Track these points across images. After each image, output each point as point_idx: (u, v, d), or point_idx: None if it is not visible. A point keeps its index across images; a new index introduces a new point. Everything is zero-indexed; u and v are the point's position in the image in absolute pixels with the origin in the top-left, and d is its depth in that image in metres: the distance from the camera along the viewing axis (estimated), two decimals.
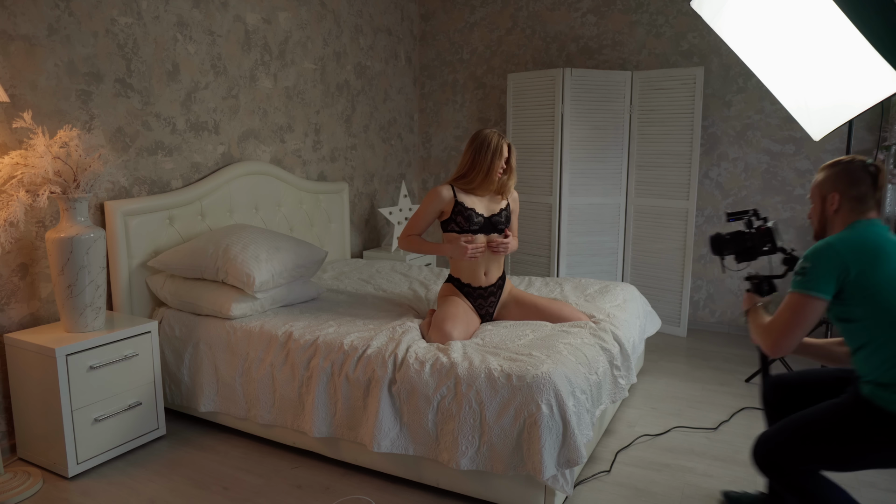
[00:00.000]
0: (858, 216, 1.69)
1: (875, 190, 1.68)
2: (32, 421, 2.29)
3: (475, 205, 2.53)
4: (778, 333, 1.68)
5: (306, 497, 2.17)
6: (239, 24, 3.29)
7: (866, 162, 1.69)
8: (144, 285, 2.79)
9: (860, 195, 1.68)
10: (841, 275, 1.59)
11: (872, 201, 1.68)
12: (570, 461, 1.89)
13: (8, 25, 2.29)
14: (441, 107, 4.96)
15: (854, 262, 1.58)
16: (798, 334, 1.65)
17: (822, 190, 1.75)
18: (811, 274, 1.62)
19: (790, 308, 1.66)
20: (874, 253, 1.58)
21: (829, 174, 1.73)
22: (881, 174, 1.68)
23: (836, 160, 1.74)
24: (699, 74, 3.77)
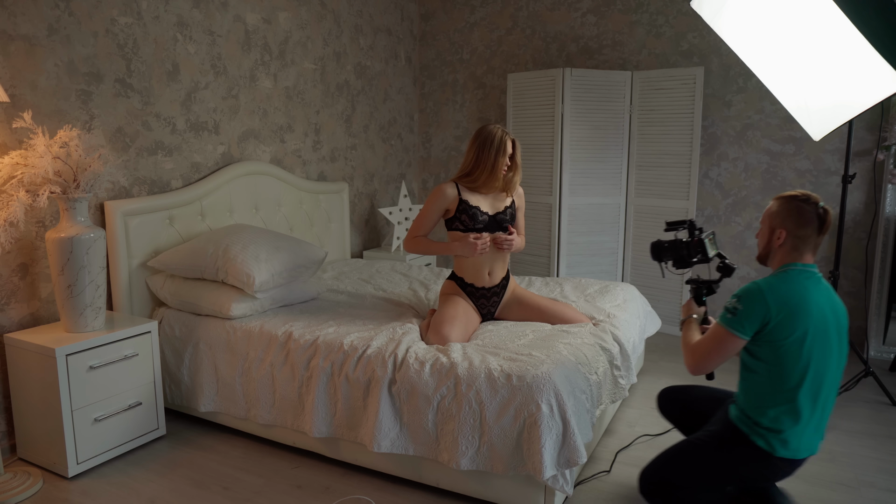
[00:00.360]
0: (797, 258, 1.80)
1: (818, 234, 1.79)
2: (32, 421, 2.29)
3: (480, 203, 2.51)
4: (700, 357, 1.84)
5: (306, 497, 2.17)
6: (239, 24, 3.29)
7: (819, 204, 1.78)
8: (144, 285, 2.79)
9: (804, 236, 1.78)
10: (763, 322, 1.72)
11: (813, 243, 1.79)
12: (570, 461, 1.89)
13: (8, 25, 2.29)
14: (441, 107, 4.96)
15: (776, 314, 1.71)
16: (717, 362, 1.81)
17: (772, 222, 1.84)
18: (739, 315, 1.74)
19: (715, 339, 1.80)
20: (795, 310, 1.70)
21: (782, 209, 1.81)
22: (828, 219, 1.78)
23: (792, 195, 1.81)
24: (699, 74, 3.77)
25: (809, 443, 1.76)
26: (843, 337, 1.77)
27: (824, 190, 3.80)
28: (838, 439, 2.61)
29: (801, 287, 1.73)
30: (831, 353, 1.74)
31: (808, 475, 2.32)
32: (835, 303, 1.77)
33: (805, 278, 1.75)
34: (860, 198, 3.71)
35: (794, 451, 1.75)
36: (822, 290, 1.76)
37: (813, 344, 1.71)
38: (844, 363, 1.79)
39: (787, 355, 1.72)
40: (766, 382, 1.77)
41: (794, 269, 1.77)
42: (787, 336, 1.70)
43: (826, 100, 2.44)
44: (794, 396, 1.72)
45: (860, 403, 2.99)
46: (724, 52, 3.91)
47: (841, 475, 2.32)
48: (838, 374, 1.78)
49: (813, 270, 1.78)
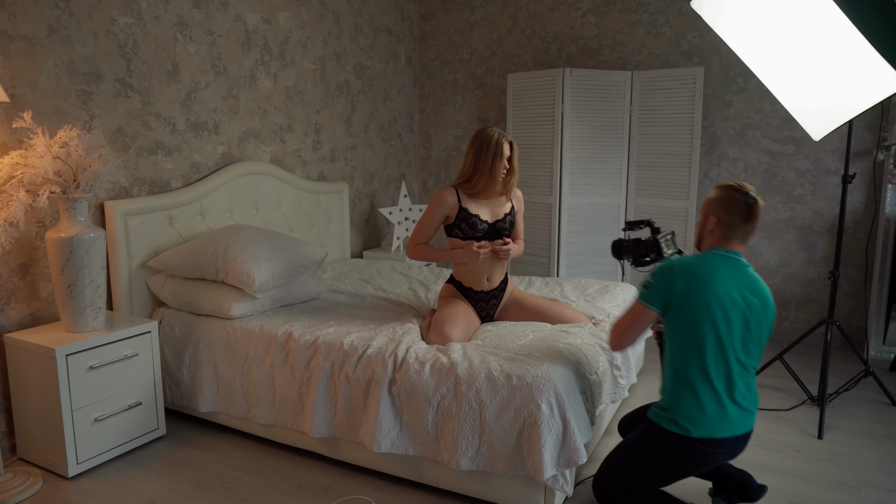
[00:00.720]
0: (723, 244, 1.86)
1: (746, 222, 1.84)
2: (32, 421, 2.29)
3: (480, 210, 2.49)
4: (618, 333, 1.93)
5: (306, 497, 2.17)
6: (239, 24, 3.29)
7: (749, 193, 1.84)
8: (144, 285, 2.79)
9: (732, 223, 1.84)
10: (669, 292, 1.79)
11: (741, 231, 1.85)
12: (570, 461, 1.89)
13: (8, 25, 2.29)
14: (441, 107, 4.96)
15: (681, 283, 1.78)
16: (633, 335, 1.91)
17: (706, 209, 1.91)
18: (651, 288, 1.84)
19: (631, 313, 1.89)
20: (699, 285, 1.76)
21: (715, 197, 1.88)
22: (755, 208, 1.84)
23: (728, 184, 1.88)
24: (699, 74, 3.77)
25: (721, 422, 1.77)
26: (755, 325, 1.79)
27: (824, 190, 3.80)
28: (838, 439, 2.61)
29: (711, 267, 1.79)
30: (734, 334, 1.77)
31: (809, 475, 2.32)
32: (754, 291, 1.80)
33: (721, 261, 1.81)
34: (860, 198, 3.71)
35: (707, 429, 1.76)
36: (739, 276, 1.80)
37: (715, 322, 1.75)
38: (758, 350, 1.82)
39: (688, 329, 1.78)
40: (670, 362, 1.85)
41: (713, 253, 1.84)
42: (692, 310, 1.76)
43: (826, 100, 2.44)
44: (691, 371, 1.78)
45: (860, 403, 2.99)
46: (724, 52, 3.91)
47: (841, 475, 2.32)
48: (748, 360, 1.81)
49: (735, 257, 1.84)
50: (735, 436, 1.79)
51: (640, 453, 1.86)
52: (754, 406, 1.83)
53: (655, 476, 1.84)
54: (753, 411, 1.83)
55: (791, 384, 3.21)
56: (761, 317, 1.80)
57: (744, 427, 1.80)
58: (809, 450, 2.52)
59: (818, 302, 3.90)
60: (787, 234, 3.93)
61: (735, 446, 1.81)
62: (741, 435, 1.81)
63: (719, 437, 1.77)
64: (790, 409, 2.91)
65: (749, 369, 1.82)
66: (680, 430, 1.78)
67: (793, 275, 3.95)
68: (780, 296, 4.00)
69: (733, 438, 1.79)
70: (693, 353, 1.78)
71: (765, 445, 2.55)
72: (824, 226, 3.83)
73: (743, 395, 1.79)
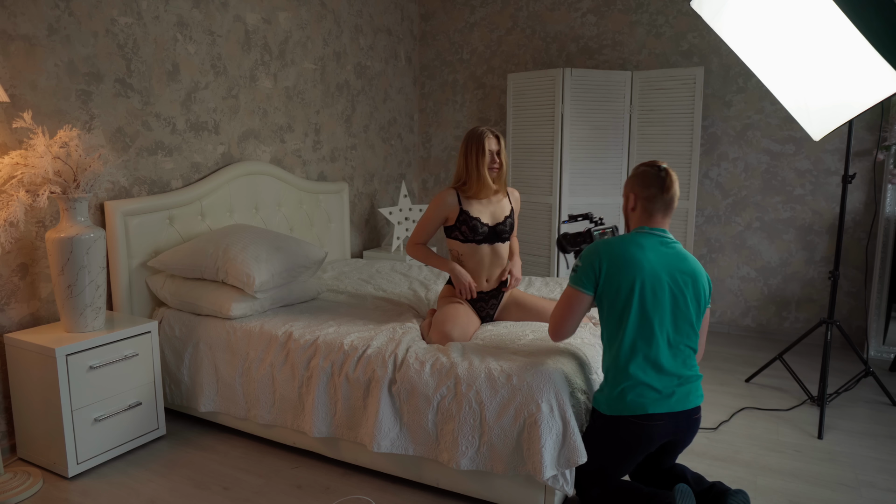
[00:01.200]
0: (647, 221, 1.92)
1: (663, 193, 1.89)
2: (32, 421, 2.29)
3: (480, 213, 2.49)
4: (555, 321, 1.97)
5: (306, 497, 2.17)
6: (239, 24, 3.29)
7: (660, 167, 1.91)
8: (144, 285, 2.79)
9: (650, 196, 1.90)
10: (597, 272, 1.87)
11: (661, 204, 1.90)
12: (570, 461, 1.89)
13: (8, 25, 2.29)
14: (441, 107, 4.96)
15: (606, 265, 1.85)
16: (570, 322, 1.95)
17: (625, 190, 1.99)
18: (579, 272, 1.90)
19: (564, 299, 1.95)
20: (624, 264, 1.83)
21: (631, 175, 1.97)
22: (668, 177, 1.89)
23: (639, 163, 1.98)
24: (699, 74, 3.77)
25: (652, 397, 1.81)
26: (684, 302, 1.83)
27: (824, 190, 3.80)
28: (838, 439, 2.61)
29: (636, 246, 1.85)
30: (664, 313, 1.81)
31: (809, 475, 2.32)
32: (681, 268, 1.84)
33: (646, 239, 1.87)
34: (860, 198, 3.71)
35: (640, 406, 1.80)
36: (664, 251, 1.85)
37: (644, 300, 1.80)
38: (686, 322, 1.85)
39: (616, 309, 1.84)
40: (605, 342, 1.90)
41: (637, 232, 1.90)
42: (618, 288, 1.82)
43: (826, 100, 2.44)
44: (622, 352, 1.83)
45: (860, 403, 2.99)
46: (724, 52, 3.91)
47: (841, 475, 2.32)
48: (680, 337, 1.84)
49: (659, 234, 1.89)
50: (672, 412, 1.82)
51: (590, 441, 1.93)
52: (690, 383, 1.85)
53: (608, 459, 1.90)
54: (690, 388, 1.85)
55: (791, 384, 3.21)
56: (689, 292, 1.84)
57: (681, 404, 1.83)
58: (809, 450, 2.52)
59: (818, 302, 3.90)
60: (787, 234, 3.93)
61: (674, 424, 1.84)
62: (679, 412, 1.83)
63: (652, 412, 1.81)
64: (790, 409, 2.91)
65: (681, 347, 1.84)
66: (613, 411, 1.84)
67: (793, 275, 3.95)
68: (780, 296, 4.00)
69: (669, 414, 1.82)
70: (622, 334, 1.83)
71: (765, 445, 2.55)
72: (824, 226, 3.83)
73: (675, 374, 1.82)
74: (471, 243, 2.49)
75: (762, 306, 4.05)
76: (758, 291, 4.05)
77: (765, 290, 4.03)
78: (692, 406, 1.86)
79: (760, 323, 4.07)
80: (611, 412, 1.86)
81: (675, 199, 1.92)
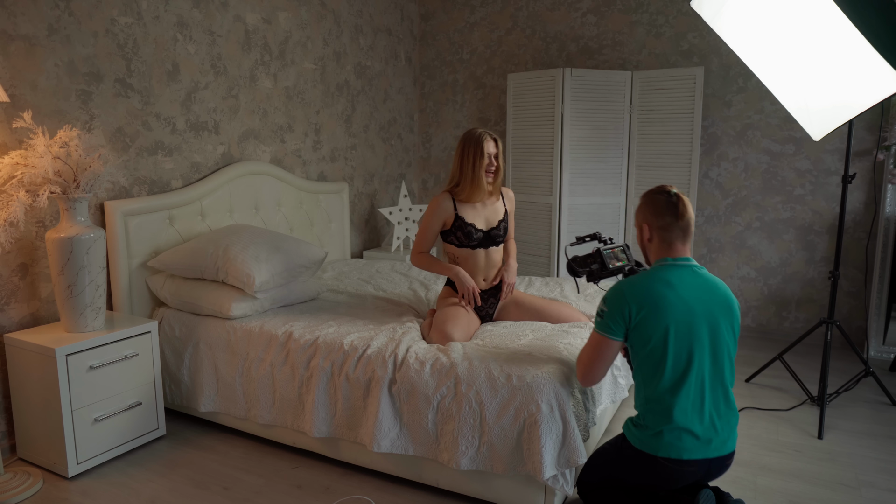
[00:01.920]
0: (667, 251, 1.80)
1: (678, 220, 1.77)
2: (32, 421, 2.29)
3: (475, 219, 2.50)
4: (584, 367, 1.86)
5: (306, 497, 2.17)
6: (239, 24, 3.29)
7: (670, 192, 1.79)
8: (144, 285, 2.79)
9: (665, 226, 1.78)
10: (626, 319, 1.74)
11: (678, 232, 1.78)
12: (570, 461, 1.89)
13: (8, 25, 2.29)
14: (441, 107, 4.96)
15: (636, 311, 1.72)
16: (600, 368, 1.83)
17: (636, 220, 1.87)
18: (606, 317, 1.77)
19: (592, 345, 1.83)
20: (654, 307, 1.70)
21: (640, 205, 1.85)
22: (680, 202, 1.78)
23: (649, 190, 1.85)
24: (699, 74, 3.77)
25: (689, 444, 1.71)
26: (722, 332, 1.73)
27: (824, 190, 3.80)
28: (838, 439, 2.61)
29: (663, 284, 1.73)
30: (703, 352, 1.71)
31: (809, 475, 2.32)
32: (713, 296, 1.74)
33: (672, 273, 1.75)
34: (860, 198, 3.71)
35: (675, 450, 1.72)
36: (692, 283, 1.74)
37: (678, 343, 1.69)
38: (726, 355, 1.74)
39: (650, 353, 1.72)
40: (640, 382, 1.80)
41: (661, 266, 1.78)
42: (651, 333, 1.70)
43: (826, 101, 2.44)
44: (658, 394, 1.73)
45: (860, 403, 2.99)
46: (724, 52, 3.91)
47: (841, 475, 2.32)
48: (719, 374, 1.74)
49: (684, 263, 1.78)
50: (707, 458, 1.73)
51: (612, 462, 1.87)
52: (730, 426, 1.75)
53: (624, 484, 1.85)
54: (729, 432, 1.75)
55: (791, 384, 3.21)
56: (725, 323, 1.74)
57: (717, 450, 1.74)
58: (809, 450, 2.52)
59: (818, 302, 3.90)
60: (787, 234, 3.93)
61: (708, 467, 1.75)
62: (713, 458, 1.74)
63: (687, 458, 1.72)
64: (790, 409, 2.91)
65: (719, 385, 1.74)
66: (646, 449, 1.75)
67: (793, 275, 3.95)
68: (780, 296, 4.00)
69: (703, 460, 1.73)
70: (659, 377, 1.72)
71: (765, 445, 2.55)
72: (824, 226, 3.83)
73: (715, 415, 1.73)
74: (465, 248, 2.51)
75: (762, 306, 4.05)
76: (758, 291, 4.05)
77: (765, 290, 4.03)
78: (728, 452, 1.77)
79: (760, 323, 4.07)
80: (644, 448, 1.76)
81: (692, 224, 1.80)
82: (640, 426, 1.79)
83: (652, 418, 1.75)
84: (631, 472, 1.82)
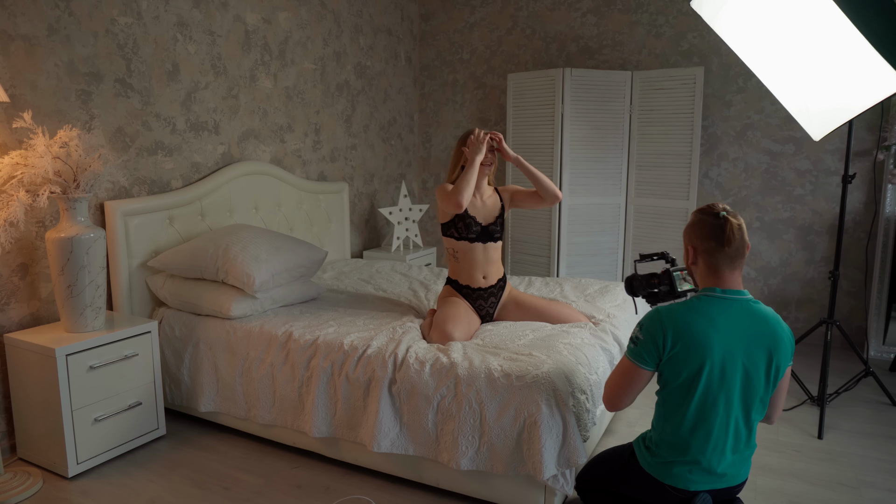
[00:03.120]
0: (714, 279, 1.65)
1: (723, 246, 1.61)
2: (32, 421, 2.29)
3: (476, 213, 2.57)
4: (610, 392, 1.76)
5: (306, 497, 2.17)
6: (239, 24, 3.29)
7: (718, 214, 1.63)
8: (144, 285, 2.79)
9: (710, 250, 1.63)
10: (661, 350, 1.63)
11: (724, 258, 1.62)
12: (570, 461, 1.89)
13: (8, 25, 2.29)
14: (441, 107, 4.96)
15: (671, 341, 1.60)
16: (627, 396, 1.72)
17: (685, 240, 1.73)
18: (640, 346, 1.66)
19: (621, 371, 1.72)
20: (693, 339, 1.58)
21: (688, 224, 1.71)
22: (728, 226, 1.60)
23: (699, 208, 1.69)
24: (699, 74, 3.77)
25: (700, 478, 1.67)
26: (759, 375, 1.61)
27: (824, 190, 3.80)
28: (838, 439, 2.61)
29: (705, 319, 1.59)
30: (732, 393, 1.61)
31: (808, 475, 2.32)
32: (759, 331, 1.61)
33: (715, 307, 1.61)
34: (860, 198, 3.71)
35: (683, 481, 1.67)
36: (737, 320, 1.60)
37: (709, 382, 1.59)
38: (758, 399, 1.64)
39: (681, 388, 1.63)
40: (661, 412, 1.71)
41: (708, 297, 1.64)
42: (682, 369, 1.60)
43: (827, 102, 2.44)
44: (679, 429, 1.65)
45: (860, 403, 2.99)
46: (724, 52, 3.91)
47: (841, 475, 2.32)
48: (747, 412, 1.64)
49: (734, 296, 1.63)
50: (715, 489, 1.69)
51: (617, 473, 1.84)
52: (745, 461, 1.70)
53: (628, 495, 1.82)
54: (743, 466, 1.70)
55: (791, 384, 3.21)
56: (763, 365, 1.61)
57: (728, 482, 1.68)
58: (809, 450, 2.52)
59: (818, 302, 3.90)
60: (787, 234, 3.92)
61: (714, 496, 1.71)
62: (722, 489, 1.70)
63: (694, 489, 1.68)
64: (790, 409, 2.91)
65: (744, 427, 1.66)
66: (654, 474, 1.72)
67: (793, 275, 3.94)
68: (780, 296, 4.00)
69: (712, 490, 1.69)
70: (682, 414, 1.64)
71: (765, 445, 2.55)
72: (824, 226, 3.83)
73: (734, 455, 1.67)
74: (464, 241, 2.54)
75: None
76: (758, 291, 4.05)
77: (765, 290, 4.03)
78: (738, 483, 1.71)
79: None
80: (652, 472, 1.71)
81: (745, 249, 1.62)
82: (653, 452, 1.72)
83: (666, 450, 1.69)
84: (634, 488, 1.79)
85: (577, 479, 1.97)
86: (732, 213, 1.65)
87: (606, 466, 1.90)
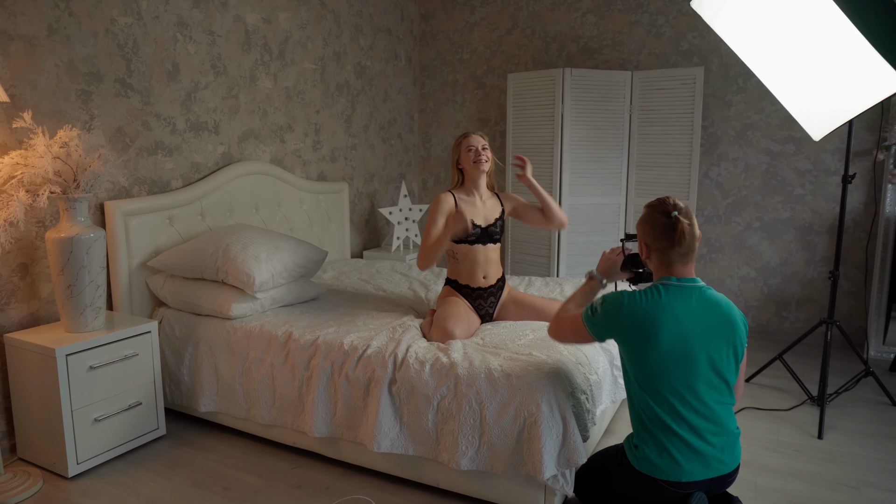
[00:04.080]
0: (667, 271, 1.70)
1: (674, 245, 1.64)
2: (32, 421, 2.29)
3: (475, 215, 2.58)
4: (558, 330, 1.90)
5: (306, 497, 2.17)
6: (239, 24, 3.29)
7: (670, 213, 1.65)
8: (144, 285, 2.79)
9: (662, 249, 1.67)
10: (614, 335, 1.72)
11: (675, 256, 1.65)
12: (570, 461, 1.89)
13: (8, 25, 2.29)
14: (441, 107, 4.96)
15: (626, 333, 1.68)
16: (571, 342, 1.89)
17: (638, 234, 1.76)
18: (597, 318, 1.74)
19: (573, 325, 1.84)
20: (651, 328, 1.64)
21: (640, 218, 1.73)
22: (679, 226, 1.63)
23: (651, 202, 1.72)
24: (699, 74, 3.77)
25: (688, 467, 1.67)
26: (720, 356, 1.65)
27: (824, 190, 3.80)
28: (838, 439, 2.61)
29: (662, 309, 1.63)
30: (698, 376, 1.64)
31: (809, 475, 2.32)
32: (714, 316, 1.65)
33: (672, 297, 1.65)
34: (860, 198, 3.71)
35: (673, 474, 1.68)
36: (695, 307, 1.64)
37: (674, 368, 1.63)
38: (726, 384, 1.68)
39: (645, 375, 1.67)
40: (632, 401, 1.78)
41: (665, 286, 1.67)
42: (644, 357, 1.66)
43: (827, 102, 2.44)
44: (653, 418, 1.68)
45: (860, 403, 2.99)
46: (724, 52, 3.91)
47: (841, 475, 2.32)
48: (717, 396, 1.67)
49: (689, 284, 1.67)
50: (707, 479, 1.69)
51: (612, 474, 1.84)
52: (731, 445, 1.71)
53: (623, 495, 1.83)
54: (731, 451, 1.70)
55: (791, 384, 3.21)
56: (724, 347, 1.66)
57: (718, 470, 1.69)
58: (809, 450, 2.52)
59: (818, 302, 3.90)
60: (787, 234, 3.92)
61: (710, 485, 1.71)
62: (714, 478, 1.70)
63: (686, 480, 1.68)
64: (790, 409, 2.91)
65: (719, 407, 1.68)
66: (645, 471, 1.72)
67: (793, 275, 3.95)
68: (780, 296, 4.00)
69: (706, 480, 1.70)
70: (653, 400, 1.67)
71: (765, 445, 2.55)
72: (824, 226, 3.83)
73: (714, 437, 1.68)
74: (464, 243, 2.55)
75: (762, 306, 4.05)
76: (758, 291, 4.05)
77: (765, 290, 4.03)
78: (729, 471, 1.71)
79: (760, 323, 4.07)
80: (643, 470, 1.73)
81: (695, 245, 1.66)
82: (639, 450, 1.75)
83: (648, 440, 1.72)
84: (631, 489, 1.79)
85: (576, 480, 1.98)
86: (684, 210, 1.68)
87: (602, 468, 1.90)
